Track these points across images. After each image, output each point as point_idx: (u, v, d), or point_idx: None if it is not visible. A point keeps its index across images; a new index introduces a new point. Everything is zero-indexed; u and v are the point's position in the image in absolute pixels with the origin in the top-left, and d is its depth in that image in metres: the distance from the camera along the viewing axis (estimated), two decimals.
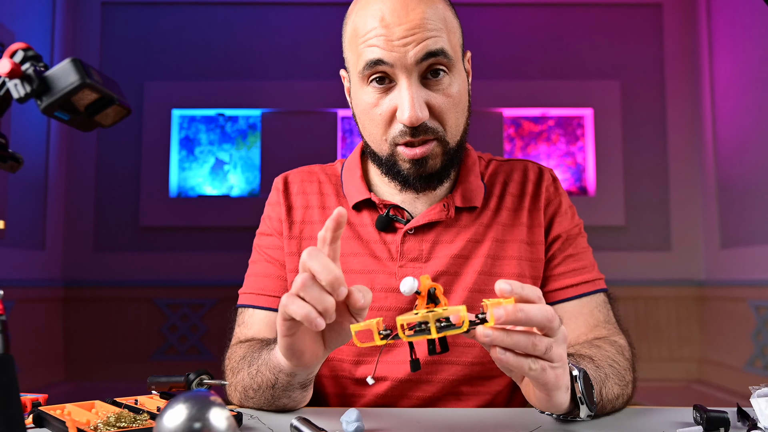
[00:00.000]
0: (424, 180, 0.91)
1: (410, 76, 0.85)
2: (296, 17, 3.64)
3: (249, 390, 0.83)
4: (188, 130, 3.69)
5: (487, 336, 0.60)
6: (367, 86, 0.88)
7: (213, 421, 0.50)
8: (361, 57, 0.87)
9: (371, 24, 0.85)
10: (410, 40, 0.84)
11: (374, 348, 0.93)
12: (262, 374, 0.80)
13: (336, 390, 0.96)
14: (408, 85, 0.85)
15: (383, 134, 0.89)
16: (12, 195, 2.95)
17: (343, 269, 0.93)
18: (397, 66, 0.84)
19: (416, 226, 0.94)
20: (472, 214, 0.96)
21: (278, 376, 0.78)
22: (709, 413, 0.71)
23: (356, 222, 0.97)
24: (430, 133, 0.87)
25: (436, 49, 0.84)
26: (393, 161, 0.90)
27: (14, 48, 0.54)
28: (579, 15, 3.64)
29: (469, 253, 0.94)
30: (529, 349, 0.60)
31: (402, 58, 0.84)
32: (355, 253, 0.94)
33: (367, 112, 0.90)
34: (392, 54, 0.84)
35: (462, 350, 0.92)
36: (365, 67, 0.86)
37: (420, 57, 0.84)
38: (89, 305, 3.47)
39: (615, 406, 0.82)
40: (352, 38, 0.90)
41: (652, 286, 3.48)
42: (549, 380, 0.63)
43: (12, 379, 0.52)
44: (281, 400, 0.82)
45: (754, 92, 3.03)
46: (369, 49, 0.85)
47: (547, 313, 0.60)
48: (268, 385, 0.80)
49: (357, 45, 0.88)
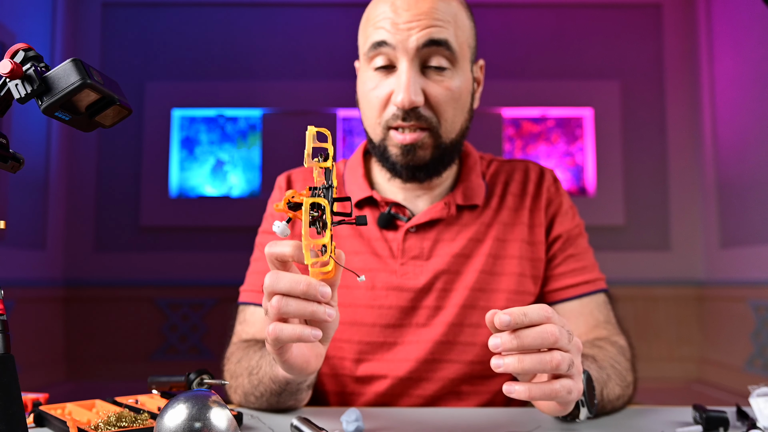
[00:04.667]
0: (411, 170, 0.91)
1: (411, 60, 0.86)
2: (296, 17, 3.64)
3: (250, 396, 0.84)
4: (189, 131, 3.69)
5: (498, 367, 0.58)
6: (370, 69, 0.90)
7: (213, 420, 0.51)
8: (368, 39, 0.89)
9: (382, 9, 0.88)
10: (415, 25, 0.85)
11: (375, 346, 0.93)
12: (264, 385, 0.80)
13: (336, 388, 0.96)
14: (407, 68, 0.86)
15: (378, 117, 0.90)
16: (12, 195, 2.95)
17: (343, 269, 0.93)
18: (399, 48, 0.86)
19: (418, 224, 0.94)
20: (474, 212, 0.96)
21: (285, 387, 0.78)
22: (708, 413, 0.71)
23: None
24: (422, 121, 0.87)
25: (440, 38, 0.85)
26: (384, 146, 0.91)
27: (15, 48, 0.54)
28: (579, 15, 3.64)
29: (470, 251, 0.94)
30: (549, 369, 0.58)
31: (404, 41, 0.85)
32: (357, 251, 0.95)
33: (367, 94, 0.91)
34: (396, 36, 0.85)
35: (462, 349, 0.92)
36: (370, 49, 0.88)
37: (422, 43, 0.85)
38: (90, 305, 3.47)
39: (615, 407, 0.82)
40: (365, 23, 0.92)
41: (652, 286, 3.48)
42: (573, 398, 0.61)
43: (13, 379, 0.52)
44: (287, 403, 0.83)
45: (754, 92, 3.03)
46: (376, 31, 0.88)
47: (546, 334, 0.58)
48: (272, 394, 0.80)
49: (367, 28, 0.91)
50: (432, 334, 0.92)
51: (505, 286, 0.94)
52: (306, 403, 0.87)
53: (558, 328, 0.59)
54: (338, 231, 0.97)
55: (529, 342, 0.58)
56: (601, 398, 0.77)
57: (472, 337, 0.92)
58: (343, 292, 0.93)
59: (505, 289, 0.94)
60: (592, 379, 0.72)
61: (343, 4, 3.53)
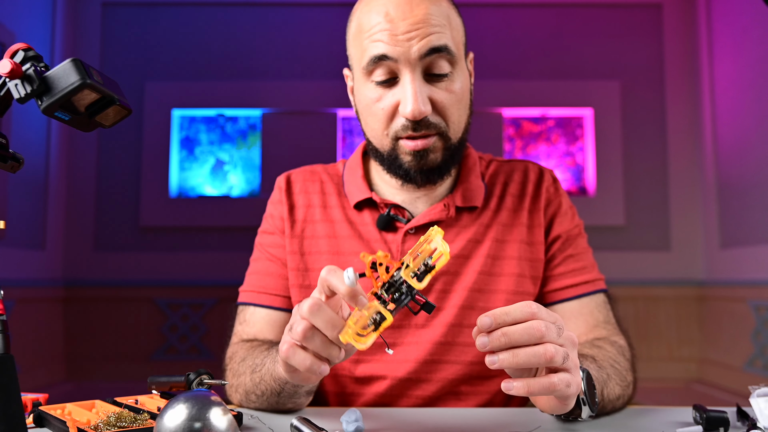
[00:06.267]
0: (425, 174, 0.91)
1: (414, 71, 0.85)
2: (296, 17, 3.64)
3: (251, 395, 0.84)
4: (188, 130, 3.69)
5: (493, 363, 0.59)
6: (370, 82, 0.89)
7: (213, 420, 0.51)
8: (366, 52, 0.87)
9: (376, 19, 0.86)
10: (414, 35, 0.84)
11: (373, 347, 0.93)
12: (266, 383, 0.80)
13: (335, 389, 0.96)
14: (411, 79, 0.85)
15: (385, 129, 0.89)
16: (12, 195, 2.95)
17: (342, 268, 0.93)
18: (401, 60, 0.85)
19: (417, 225, 0.94)
20: (473, 214, 0.96)
21: (284, 387, 0.78)
22: (708, 413, 0.71)
23: (357, 221, 0.97)
24: (432, 128, 0.87)
25: (440, 44, 0.85)
26: (395, 155, 0.91)
27: (15, 48, 0.54)
28: (579, 15, 3.64)
29: (469, 252, 0.94)
30: (543, 362, 0.59)
31: (406, 53, 0.84)
32: (356, 252, 0.95)
33: (370, 107, 0.90)
34: (396, 48, 0.84)
35: (462, 349, 0.92)
36: (369, 62, 0.87)
37: (424, 52, 0.84)
38: (89, 305, 3.47)
39: (615, 407, 0.82)
40: (357, 34, 0.90)
41: (652, 286, 3.48)
42: (572, 392, 0.62)
43: (13, 379, 0.52)
44: (286, 405, 0.83)
45: (754, 92, 3.03)
46: (373, 44, 0.86)
47: (533, 330, 0.59)
48: (272, 393, 0.80)
49: (361, 41, 0.89)
50: (431, 335, 0.92)
51: (504, 287, 0.94)
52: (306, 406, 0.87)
53: (544, 323, 0.59)
54: (338, 231, 0.97)
55: (516, 338, 0.58)
56: (602, 398, 0.76)
57: (471, 338, 0.92)
58: None
59: (504, 289, 0.93)
60: (592, 378, 0.72)
61: (343, 4, 3.53)
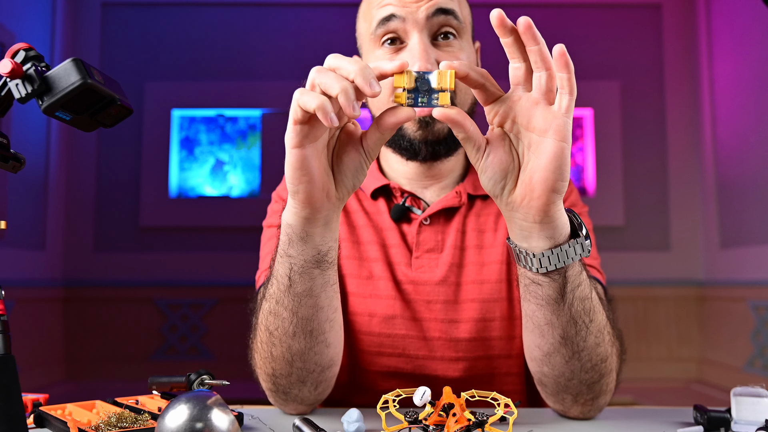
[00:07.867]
0: (431, 145, 0.90)
1: (421, 30, 0.86)
2: (296, 18, 3.64)
3: (265, 343, 0.75)
4: (188, 131, 3.69)
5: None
6: (378, 48, 0.89)
7: (214, 421, 0.51)
8: (375, 17, 0.89)
9: None
10: None
11: (397, 339, 0.92)
12: (278, 294, 0.72)
13: (352, 380, 0.94)
14: (419, 39, 0.86)
15: (390, 95, 0.88)
16: (12, 195, 2.95)
17: (359, 255, 0.92)
18: (408, 21, 0.86)
19: (431, 213, 0.93)
20: (485, 201, 0.96)
21: (291, 264, 0.68)
22: (709, 413, 0.71)
23: (372, 210, 0.97)
24: None
25: (448, 7, 0.87)
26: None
27: (15, 48, 0.54)
28: (579, 15, 3.64)
29: (482, 242, 0.94)
30: (539, 63, 0.61)
31: (414, 13, 0.86)
32: (370, 242, 0.94)
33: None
34: (404, 9, 0.86)
35: (486, 343, 0.92)
36: (378, 25, 0.88)
37: (431, 12, 0.86)
38: (89, 305, 3.47)
39: (595, 353, 0.72)
40: (366, 8, 0.92)
41: (652, 286, 3.48)
42: (570, 111, 0.60)
43: (13, 379, 0.52)
44: (308, 327, 0.72)
45: (753, 92, 3.03)
46: (382, 9, 0.88)
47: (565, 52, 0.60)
48: (284, 291, 0.71)
49: (371, 10, 0.90)
50: (450, 328, 0.91)
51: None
52: (327, 396, 0.85)
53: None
54: (354, 220, 0.96)
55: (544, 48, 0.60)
56: (591, 302, 0.70)
57: (495, 332, 0.91)
58: (363, 282, 0.93)
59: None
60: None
61: (343, 4, 3.53)
